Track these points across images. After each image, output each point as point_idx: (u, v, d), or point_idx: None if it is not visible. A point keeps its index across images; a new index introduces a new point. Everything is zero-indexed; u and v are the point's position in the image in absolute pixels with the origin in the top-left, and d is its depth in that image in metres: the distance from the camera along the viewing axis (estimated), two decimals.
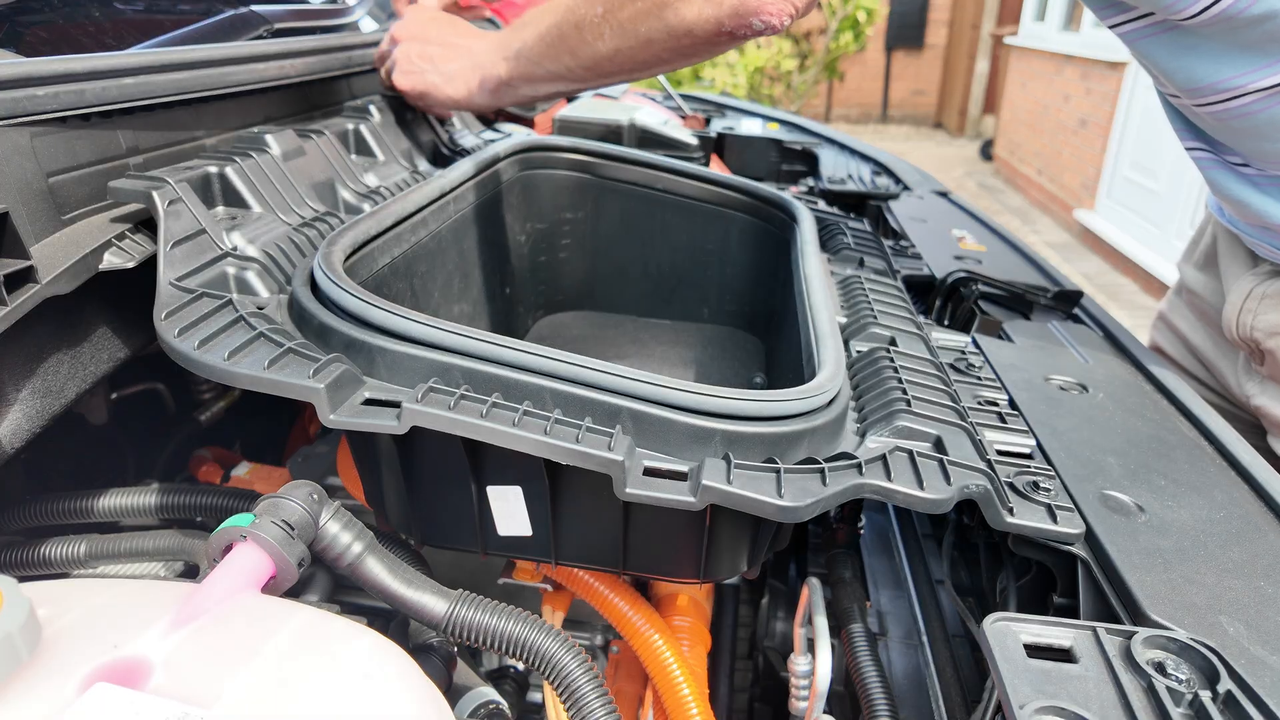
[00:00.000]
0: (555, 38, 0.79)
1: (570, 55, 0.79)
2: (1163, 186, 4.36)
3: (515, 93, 0.87)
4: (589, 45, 0.77)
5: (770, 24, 0.69)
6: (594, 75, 0.80)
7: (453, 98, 0.92)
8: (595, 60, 0.78)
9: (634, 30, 0.73)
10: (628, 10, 0.73)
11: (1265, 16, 0.63)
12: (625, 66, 0.78)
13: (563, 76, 0.82)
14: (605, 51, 0.76)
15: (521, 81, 0.85)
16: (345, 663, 0.39)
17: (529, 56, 0.82)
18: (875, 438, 0.59)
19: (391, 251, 0.77)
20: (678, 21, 0.71)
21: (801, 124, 1.86)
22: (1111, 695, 0.40)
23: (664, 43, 0.73)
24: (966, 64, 9.13)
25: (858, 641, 0.67)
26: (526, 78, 0.84)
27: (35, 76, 0.60)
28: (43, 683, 0.35)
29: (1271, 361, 0.84)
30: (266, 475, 0.87)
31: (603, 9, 0.74)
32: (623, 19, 0.73)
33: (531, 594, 0.76)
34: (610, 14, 0.74)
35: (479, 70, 0.88)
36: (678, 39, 0.73)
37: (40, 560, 0.65)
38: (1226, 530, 0.55)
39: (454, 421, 0.51)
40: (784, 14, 0.69)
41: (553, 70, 0.81)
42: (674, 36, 0.72)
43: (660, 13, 0.71)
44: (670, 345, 1.08)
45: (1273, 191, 0.76)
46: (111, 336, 0.65)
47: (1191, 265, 1.03)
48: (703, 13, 0.70)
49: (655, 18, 0.72)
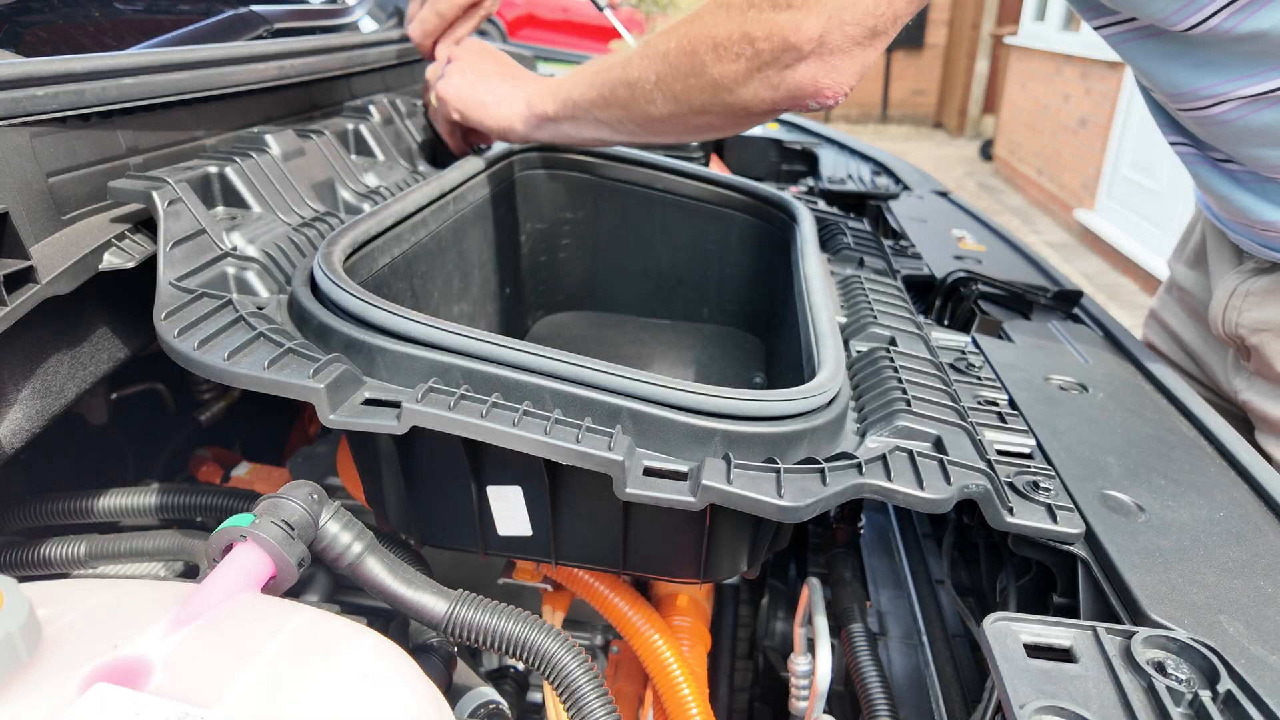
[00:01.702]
0: (609, 92, 0.78)
1: (622, 111, 0.78)
2: (1162, 186, 4.36)
3: (556, 129, 0.87)
4: (641, 107, 0.76)
5: (825, 104, 0.69)
6: (644, 133, 0.80)
7: (495, 118, 0.91)
8: (647, 120, 0.77)
9: (688, 102, 0.72)
10: (681, 84, 0.72)
11: (1254, 35, 0.64)
12: (676, 130, 0.78)
13: (610, 126, 0.81)
14: (658, 115, 0.76)
15: (566, 121, 0.85)
16: (345, 663, 0.39)
17: (579, 103, 0.81)
18: (875, 437, 0.59)
19: (391, 251, 0.77)
20: (734, 100, 0.70)
21: (801, 124, 1.86)
22: (1111, 695, 0.40)
23: (719, 115, 0.73)
24: (966, 64, 9.13)
25: (858, 641, 0.67)
26: (571, 119, 0.84)
27: (35, 76, 0.60)
28: (43, 683, 0.35)
29: (1257, 357, 0.84)
30: (266, 475, 0.87)
31: (655, 77, 0.73)
32: (677, 91, 0.72)
33: (531, 594, 0.76)
34: (664, 84, 0.73)
35: (527, 102, 0.88)
36: (733, 114, 0.72)
37: (40, 560, 0.65)
38: (1226, 530, 0.55)
39: (454, 421, 0.51)
40: (839, 94, 0.68)
41: (601, 119, 0.81)
42: (729, 112, 0.72)
43: (715, 91, 0.70)
44: (670, 345, 1.08)
45: (1254, 188, 0.77)
46: (111, 336, 0.65)
47: (1181, 262, 1.03)
48: (759, 95, 0.69)
49: (710, 95, 0.71)
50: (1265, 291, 0.82)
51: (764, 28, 0.65)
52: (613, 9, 1.65)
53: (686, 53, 0.70)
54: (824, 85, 0.67)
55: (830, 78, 0.66)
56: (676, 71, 0.71)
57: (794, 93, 0.68)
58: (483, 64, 0.94)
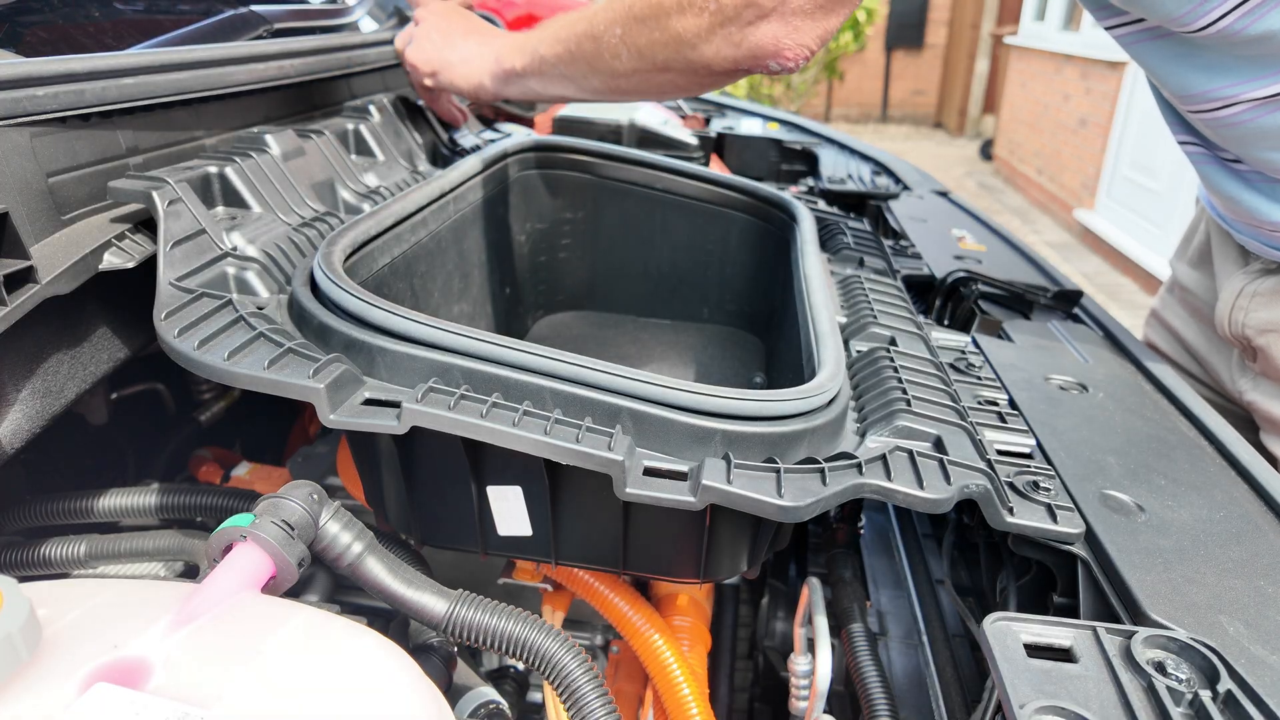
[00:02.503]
0: (575, 47, 0.78)
1: (586, 66, 0.78)
2: (1163, 186, 4.36)
3: (524, 84, 0.86)
4: (606, 62, 0.76)
5: (787, 66, 0.69)
6: (608, 91, 0.80)
7: (465, 76, 0.91)
8: (611, 77, 0.77)
9: (651, 57, 0.72)
10: (645, 38, 0.72)
11: (1265, 36, 0.64)
12: (640, 88, 0.78)
13: (575, 83, 0.81)
14: (622, 70, 0.76)
15: (532, 76, 0.85)
16: (345, 663, 0.39)
17: (546, 57, 0.81)
18: (875, 437, 0.59)
19: (391, 251, 0.77)
20: (695, 57, 0.70)
21: (801, 124, 1.86)
22: (1111, 695, 0.40)
23: (681, 73, 0.73)
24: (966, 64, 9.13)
25: (858, 641, 0.67)
26: (538, 74, 0.84)
27: (35, 76, 0.60)
28: (43, 683, 0.35)
29: (1263, 358, 0.84)
30: (266, 475, 0.87)
31: (621, 31, 0.73)
32: (640, 45, 0.72)
33: (531, 594, 0.76)
34: (628, 38, 0.73)
35: (495, 58, 0.88)
36: (695, 71, 0.72)
37: (40, 560, 0.65)
38: (1226, 530, 0.55)
39: (454, 421, 0.51)
40: (800, 56, 0.69)
41: (567, 74, 0.81)
42: (691, 69, 0.72)
43: (678, 46, 0.70)
44: (670, 345, 1.08)
45: (1264, 189, 0.77)
46: (111, 336, 0.65)
47: (1184, 262, 1.03)
48: (720, 52, 0.69)
49: (673, 50, 0.71)
50: (1272, 292, 0.82)
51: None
52: None
53: (651, 5, 0.70)
54: (785, 45, 0.67)
55: (791, 38, 0.67)
56: (641, 25, 0.71)
57: (755, 51, 0.68)
58: (448, 24, 0.94)
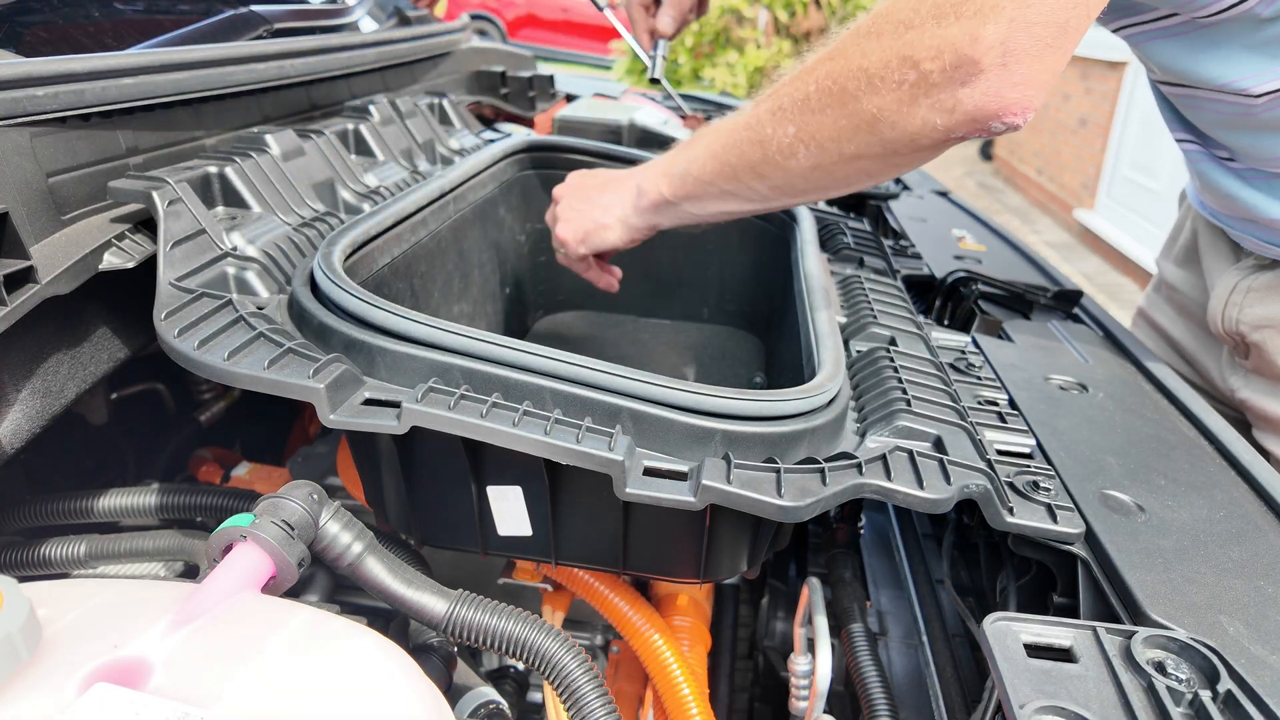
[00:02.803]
0: (735, 158, 0.69)
1: (752, 175, 0.69)
2: (1162, 186, 4.36)
3: (678, 211, 0.78)
4: (777, 165, 0.67)
5: (1013, 123, 0.58)
6: (781, 194, 0.71)
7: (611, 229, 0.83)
8: (785, 180, 0.68)
9: (837, 148, 0.63)
10: (829, 129, 0.62)
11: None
12: (821, 184, 0.69)
13: (739, 196, 0.72)
14: (799, 169, 0.66)
15: (686, 200, 0.76)
16: (345, 663, 0.39)
17: (698, 176, 0.73)
18: (875, 437, 0.59)
19: (391, 251, 0.77)
20: (896, 135, 0.60)
21: None
22: (1111, 695, 0.40)
23: (875, 158, 0.63)
24: None
25: (858, 641, 0.67)
26: (692, 197, 0.76)
27: (35, 76, 0.60)
28: (43, 683, 0.35)
29: (1257, 354, 0.84)
30: (266, 475, 0.87)
31: (795, 129, 0.64)
32: (823, 138, 0.63)
33: (531, 594, 0.76)
34: (805, 133, 0.64)
35: (636, 193, 0.80)
36: (894, 153, 0.62)
37: (40, 560, 0.65)
38: (1226, 530, 0.55)
39: (454, 421, 0.51)
40: (1028, 109, 0.58)
41: (728, 190, 0.72)
42: (890, 151, 0.62)
43: (872, 129, 0.60)
44: (670, 345, 1.08)
45: (1260, 185, 0.77)
46: (111, 336, 0.65)
47: (1170, 261, 1.03)
48: (929, 122, 0.58)
49: (866, 134, 0.61)
50: (1267, 288, 0.82)
51: (929, 46, 0.56)
52: (612, 9, 1.65)
53: (831, 92, 0.61)
54: (1010, 101, 0.56)
55: (1017, 91, 0.56)
56: (820, 116, 0.62)
57: (973, 114, 0.57)
58: (583, 185, 0.87)
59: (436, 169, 1.04)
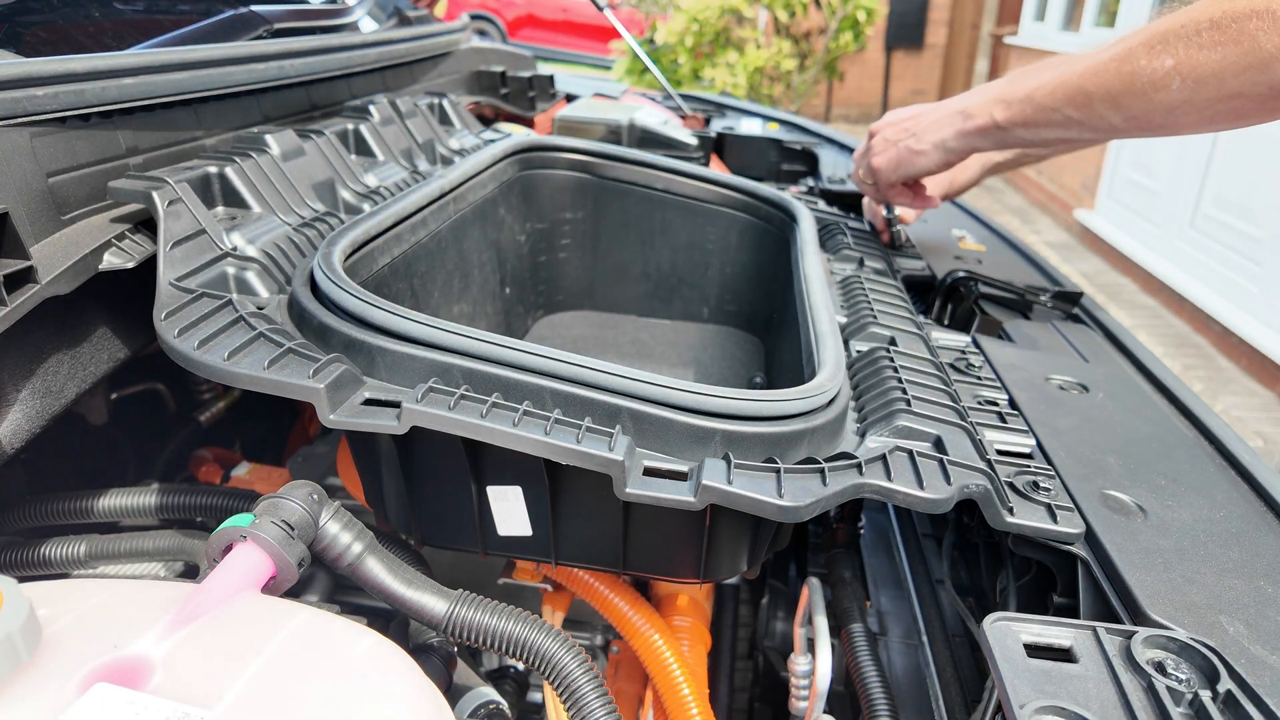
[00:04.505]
0: (1093, 85, 0.69)
1: (1109, 104, 0.69)
2: (1163, 186, 4.36)
3: (1006, 137, 0.78)
4: (1144, 96, 0.66)
5: None
6: (1132, 128, 0.70)
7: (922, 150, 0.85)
8: (1145, 112, 0.67)
9: (1218, 85, 0.62)
10: (1214, 64, 0.61)
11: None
12: (1182, 122, 0.67)
13: (1084, 125, 0.72)
14: (1164, 104, 0.66)
15: (1021, 126, 0.76)
16: (345, 663, 0.39)
17: (1042, 102, 0.73)
18: (875, 437, 0.59)
19: (391, 251, 0.77)
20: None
21: (801, 124, 1.86)
22: (1111, 695, 0.40)
23: (1255, 99, 0.62)
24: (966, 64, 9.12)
25: (858, 641, 0.67)
26: (1030, 124, 0.76)
27: (35, 76, 0.60)
28: (43, 683, 0.35)
29: None
30: (266, 475, 0.87)
31: (1174, 61, 0.64)
32: (1204, 73, 0.62)
33: (531, 594, 0.76)
34: (1185, 66, 0.63)
35: (962, 117, 0.81)
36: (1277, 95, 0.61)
37: (40, 560, 0.65)
38: (1226, 530, 0.55)
39: (454, 421, 0.51)
40: None
41: (1074, 118, 0.72)
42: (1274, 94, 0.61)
43: (1267, 66, 0.59)
44: (670, 345, 1.08)
45: None
46: (111, 336, 0.65)
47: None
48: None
49: (1255, 72, 0.60)
50: None
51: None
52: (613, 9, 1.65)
53: (1224, 28, 0.61)
54: None
55: None
56: (1210, 51, 0.62)
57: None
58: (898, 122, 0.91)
59: (436, 169, 1.04)
